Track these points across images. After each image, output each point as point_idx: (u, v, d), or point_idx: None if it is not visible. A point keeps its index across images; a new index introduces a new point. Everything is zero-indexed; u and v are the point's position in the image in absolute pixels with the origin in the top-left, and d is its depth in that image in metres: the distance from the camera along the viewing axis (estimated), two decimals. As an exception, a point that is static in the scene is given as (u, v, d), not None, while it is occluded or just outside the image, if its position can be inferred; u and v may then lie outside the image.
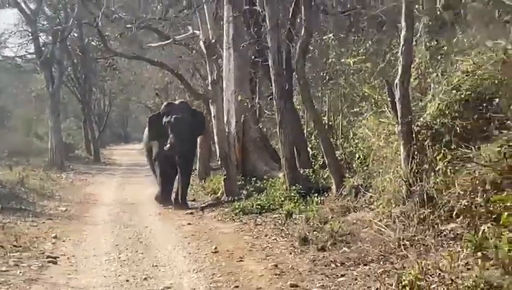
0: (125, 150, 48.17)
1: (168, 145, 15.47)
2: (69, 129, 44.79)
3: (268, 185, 15.15)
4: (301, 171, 14.41)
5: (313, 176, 14.28)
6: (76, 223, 13.74)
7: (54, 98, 30.89)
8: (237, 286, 7.95)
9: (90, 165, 33.42)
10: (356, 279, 7.76)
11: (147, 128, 17.22)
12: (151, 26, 21.31)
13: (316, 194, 12.91)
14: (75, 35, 35.44)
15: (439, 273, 6.91)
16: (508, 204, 7.40)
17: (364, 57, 12.82)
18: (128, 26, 18.82)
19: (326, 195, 12.87)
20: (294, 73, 14.39)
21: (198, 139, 18.16)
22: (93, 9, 22.58)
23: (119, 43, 28.02)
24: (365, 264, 8.29)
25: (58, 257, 9.89)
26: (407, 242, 8.34)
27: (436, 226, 8.40)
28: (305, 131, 16.20)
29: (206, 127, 17.46)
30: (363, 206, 11.17)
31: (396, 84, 9.96)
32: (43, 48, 31.18)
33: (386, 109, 10.76)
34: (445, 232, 8.23)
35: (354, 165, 12.76)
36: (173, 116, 15.59)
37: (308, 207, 12.31)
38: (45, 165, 27.63)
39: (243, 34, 16.86)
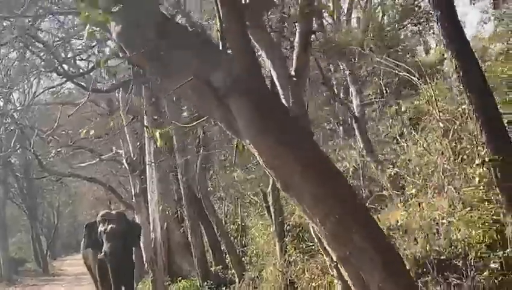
0: (75, 260, 49.03)
1: (102, 254, 15.79)
2: (20, 243, 45.95)
3: (188, 284, 17.10)
4: (213, 269, 16.49)
5: (222, 271, 16.38)
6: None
7: (0, 215, 32.46)
8: None
9: (39, 277, 34.68)
10: None
11: (83, 235, 17.32)
12: (83, 147, 23.47)
13: (224, 287, 15.01)
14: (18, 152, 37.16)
15: None
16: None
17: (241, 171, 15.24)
18: (59, 149, 20.83)
19: (232, 287, 14.96)
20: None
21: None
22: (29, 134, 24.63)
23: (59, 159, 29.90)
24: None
25: None
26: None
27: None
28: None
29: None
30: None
31: (269, 192, 12.31)
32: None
33: (266, 212, 13.08)
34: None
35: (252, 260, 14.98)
36: (109, 226, 15.88)
37: (216, 299, 14.44)
38: (-6, 281, 29.06)
39: (161, 151, 19.11)
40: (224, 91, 4.20)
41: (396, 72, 11.90)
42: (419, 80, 10.30)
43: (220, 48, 4.40)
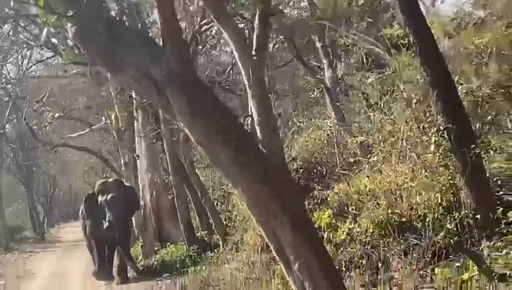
0: (72, 228, 49.64)
1: (107, 224, 16.20)
2: (17, 212, 46.59)
3: (176, 249, 17.75)
4: (199, 234, 17.14)
5: (208, 236, 17.04)
6: (10, 295, 16.02)
7: (-5, 185, 33.13)
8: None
9: (35, 245, 35.31)
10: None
11: (82, 207, 17.91)
12: (73, 117, 24.05)
13: (209, 251, 15.67)
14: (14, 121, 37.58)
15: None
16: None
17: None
18: (50, 121, 21.23)
19: (216, 251, 15.62)
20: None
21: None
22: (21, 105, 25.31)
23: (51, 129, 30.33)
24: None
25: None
26: (251, 280, 11.15)
27: (270, 267, 11.22)
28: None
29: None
30: (239, 257, 13.92)
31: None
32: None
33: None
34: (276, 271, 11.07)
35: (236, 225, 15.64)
36: (109, 195, 16.38)
37: (201, 263, 15.03)
38: (-10, 248, 29.78)
39: (149, 122, 19.62)
40: (162, 83, 4.89)
41: (366, 45, 12.37)
42: (383, 51, 10.79)
43: (160, 44, 5.04)
